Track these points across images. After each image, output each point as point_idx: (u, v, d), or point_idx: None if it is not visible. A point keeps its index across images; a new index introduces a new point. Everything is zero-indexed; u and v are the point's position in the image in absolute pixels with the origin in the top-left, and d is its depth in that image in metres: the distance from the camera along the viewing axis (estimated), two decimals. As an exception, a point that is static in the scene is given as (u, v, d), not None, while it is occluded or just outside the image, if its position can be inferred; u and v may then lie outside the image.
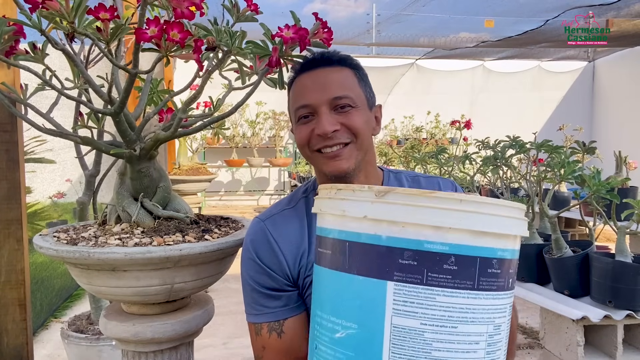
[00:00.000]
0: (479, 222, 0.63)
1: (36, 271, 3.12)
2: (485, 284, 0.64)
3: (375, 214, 0.65)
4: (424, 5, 5.49)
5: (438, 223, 0.62)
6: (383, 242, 0.64)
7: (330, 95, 0.98)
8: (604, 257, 1.96)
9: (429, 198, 0.63)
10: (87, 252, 1.04)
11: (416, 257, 0.62)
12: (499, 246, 0.65)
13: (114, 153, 1.20)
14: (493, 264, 0.64)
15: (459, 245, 0.62)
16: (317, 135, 0.98)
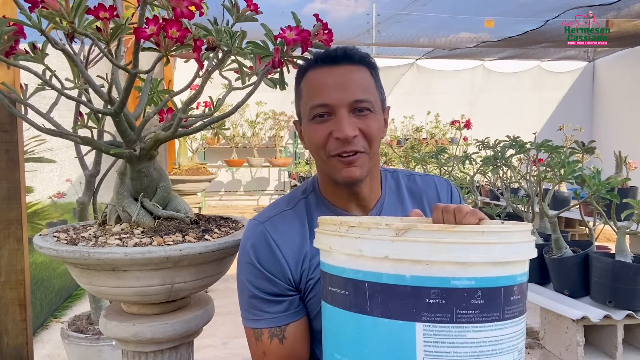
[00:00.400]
0: (500, 252, 0.63)
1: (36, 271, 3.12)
2: (509, 312, 0.63)
3: (397, 254, 0.62)
4: (424, 5, 5.49)
5: (463, 259, 0.61)
6: (407, 282, 0.62)
7: (352, 97, 0.94)
8: (604, 257, 1.96)
9: (451, 233, 0.61)
10: (87, 252, 1.04)
11: (444, 295, 0.61)
12: (518, 272, 0.65)
13: (114, 153, 1.20)
14: (514, 291, 0.64)
15: (484, 278, 0.61)
16: (336, 139, 0.94)
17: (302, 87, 1.02)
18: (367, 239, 0.65)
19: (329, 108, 0.95)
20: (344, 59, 0.98)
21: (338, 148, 0.94)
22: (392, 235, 0.63)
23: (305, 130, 1.00)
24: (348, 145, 0.94)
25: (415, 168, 4.06)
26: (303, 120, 1.02)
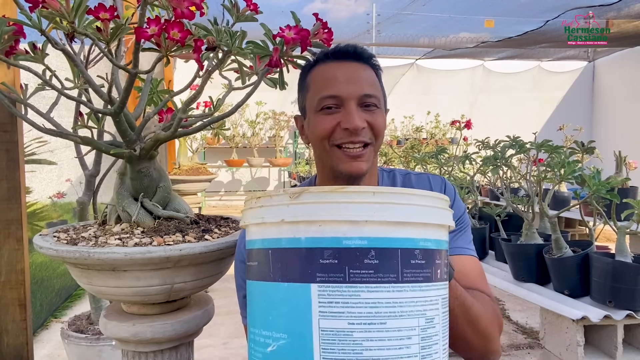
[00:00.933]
0: (395, 212, 0.62)
1: (36, 271, 3.12)
2: (410, 275, 0.62)
3: (291, 216, 0.64)
4: (424, 5, 5.49)
5: (354, 217, 0.61)
6: (303, 244, 0.63)
7: (362, 91, 0.97)
8: (604, 257, 1.96)
9: (342, 193, 0.63)
10: (87, 252, 1.04)
11: (336, 255, 0.61)
12: (420, 236, 0.64)
13: (114, 153, 1.20)
14: (416, 255, 0.63)
15: (378, 238, 0.61)
16: (344, 129, 0.96)
17: (309, 80, 1.04)
18: (269, 207, 0.67)
19: (339, 100, 0.97)
20: (353, 56, 1.01)
21: (344, 137, 0.96)
22: (288, 200, 0.65)
23: (311, 121, 1.02)
24: (356, 136, 0.96)
25: (415, 168, 4.06)
26: (309, 112, 1.03)
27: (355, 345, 0.60)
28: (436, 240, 0.66)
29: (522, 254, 2.35)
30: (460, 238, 1.06)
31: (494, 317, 0.96)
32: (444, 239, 0.68)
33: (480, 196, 3.99)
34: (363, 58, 1.02)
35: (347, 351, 0.60)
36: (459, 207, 1.08)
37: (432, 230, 0.66)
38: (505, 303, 3.29)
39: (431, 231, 0.66)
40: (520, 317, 3.03)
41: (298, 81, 1.08)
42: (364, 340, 0.60)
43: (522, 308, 3.16)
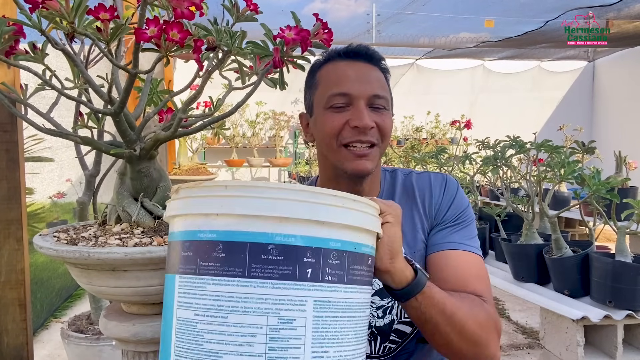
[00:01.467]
0: (245, 206, 0.61)
1: (36, 271, 3.12)
2: (260, 271, 0.60)
3: (170, 211, 0.70)
4: (424, 4, 5.48)
5: (206, 210, 0.63)
6: (176, 237, 0.67)
7: (372, 91, 0.97)
8: (604, 257, 1.96)
9: (199, 188, 0.65)
10: (87, 252, 1.04)
11: (192, 247, 0.63)
12: (277, 231, 0.61)
13: (114, 153, 1.20)
14: (270, 250, 0.60)
15: (226, 231, 0.61)
16: (353, 127, 0.95)
17: (319, 77, 1.03)
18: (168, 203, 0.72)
19: (349, 98, 0.97)
20: (364, 57, 1.01)
21: (353, 136, 0.96)
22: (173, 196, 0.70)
23: (318, 118, 1.01)
24: (364, 135, 0.95)
25: (415, 168, 4.06)
26: (316, 110, 1.02)
27: (197, 336, 0.61)
28: (307, 237, 0.62)
29: (522, 254, 2.35)
30: (457, 233, 1.03)
31: (485, 321, 0.91)
32: (315, 236, 0.62)
33: (480, 196, 3.99)
34: (374, 60, 1.02)
35: (192, 341, 0.61)
36: (461, 203, 1.07)
37: (292, 225, 0.61)
38: (505, 303, 3.29)
39: (291, 226, 0.61)
40: (520, 317, 3.03)
41: (306, 78, 1.08)
42: (205, 332, 0.60)
43: (522, 308, 3.16)
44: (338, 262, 0.63)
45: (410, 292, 0.81)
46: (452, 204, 1.06)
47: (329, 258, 0.63)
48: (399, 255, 0.78)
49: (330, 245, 0.63)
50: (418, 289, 0.81)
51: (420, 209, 1.05)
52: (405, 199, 1.07)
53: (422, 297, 0.81)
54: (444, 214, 1.05)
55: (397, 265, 0.78)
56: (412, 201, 1.07)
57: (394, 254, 0.77)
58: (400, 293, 0.81)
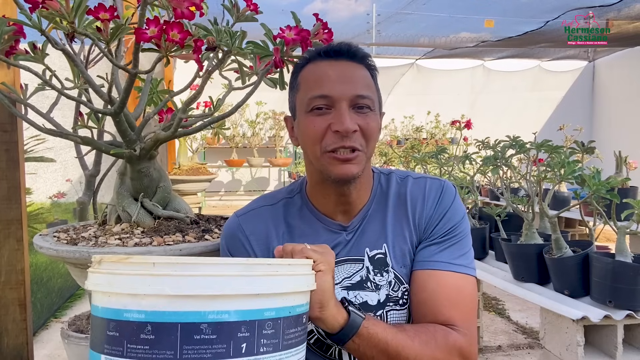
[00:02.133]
0: (174, 285, 0.58)
1: (36, 271, 3.12)
2: (193, 352, 0.57)
3: (90, 285, 0.64)
4: (424, 4, 5.48)
5: (132, 290, 0.59)
6: (99, 313, 0.62)
7: (355, 91, 0.91)
8: (604, 257, 1.96)
9: (125, 264, 0.61)
10: (87, 252, 1.04)
11: (118, 327, 0.59)
12: (209, 308, 0.58)
13: (114, 153, 1.20)
14: (202, 329, 0.57)
15: (155, 312, 0.57)
16: (335, 131, 0.89)
17: (300, 79, 0.97)
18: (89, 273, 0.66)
19: (330, 100, 0.91)
20: (347, 55, 0.95)
21: (335, 142, 0.90)
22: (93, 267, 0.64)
23: (301, 122, 0.96)
24: (347, 140, 0.89)
25: (415, 168, 4.06)
26: (298, 113, 0.97)
27: None
28: (241, 311, 0.59)
29: (522, 254, 2.35)
30: (446, 250, 0.96)
31: (443, 356, 0.86)
32: (258, 307, 0.61)
33: (480, 196, 3.99)
34: (357, 57, 0.96)
35: None
36: (455, 215, 0.99)
37: (230, 302, 0.59)
38: (505, 303, 3.29)
39: (229, 302, 0.59)
40: (520, 317, 3.03)
41: (289, 81, 1.03)
42: None
43: (522, 308, 3.16)
44: (273, 331, 0.62)
45: (344, 335, 0.80)
46: (445, 217, 0.98)
47: (263, 329, 0.61)
48: (330, 302, 0.78)
49: (265, 315, 0.61)
50: (352, 332, 0.80)
51: (410, 220, 0.99)
52: (397, 208, 1.01)
53: (360, 339, 0.81)
54: (434, 227, 0.98)
55: (327, 312, 0.78)
56: (403, 211, 1.00)
57: (324, 303, 0.77)
58: (334, 337, 0.81)
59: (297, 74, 0.99)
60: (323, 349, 0.96)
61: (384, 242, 0.98)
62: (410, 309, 0.97)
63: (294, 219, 1.01)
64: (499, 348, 2.56)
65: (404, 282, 0.97)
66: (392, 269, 0.97)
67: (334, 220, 1.00)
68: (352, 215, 1.00)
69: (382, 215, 1.00)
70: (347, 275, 0.97)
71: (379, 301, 0.96)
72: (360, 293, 0.96)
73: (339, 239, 0.98)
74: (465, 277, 0.94)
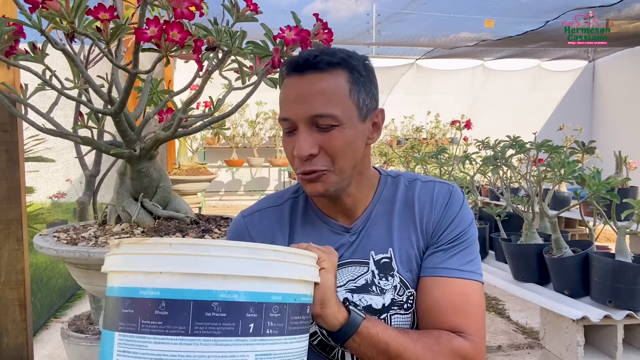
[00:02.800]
0: (188, 264, 0.62)
1: (36, 271, 3.12)
2: (203, 328, 0.61)
3: (110, 266, 0.67)
4: (424, 4, 5.48)
5: (148, 268, 0.63)
6: (115, 293, 0.65)
7: (310, 112, 0.86)
8: (604, 257, 1.96)
9: (142, 245, 0.65)
10: (87, 252, 1.04)
11: (133, 305, 0.62)
12: (220, 288, 0.62)
13: (114, 153, 1.20)
14: (214, 307, 0.61)
15: (169, 289, 0.61)
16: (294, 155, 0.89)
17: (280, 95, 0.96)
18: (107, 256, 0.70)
19: (291, 123, 0.88)
20: (308, 67, 0.88)
21: (299, 167, 0.89)
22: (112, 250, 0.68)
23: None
24: (307, 164, 0.88)
25: (415, 168, 4.06)
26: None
27: None
28: (250, 293, 0.63)
29: (522, 254, 2.35)
30: (454, 257, 0.94)
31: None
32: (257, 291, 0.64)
33: (480, 196, 3.99)
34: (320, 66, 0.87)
35: None
36: (464, 220, 0.98)
37: (235, 282, 0.63)
38: (505, 303, 3.29)
39: (235, 283, 0.63)
40: (520, 317, 3.03)
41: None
42: None
43: (522, 308, 3.16)
44: (279, 315, 0.65)
45: (345, 333, 0.81)
46: (453, 222, 0.97)
47: (270, 312, 0.64)
48: (331, 300, 0.79)
49: (272, 299, 0.65)
50: (352, 331, 0.81)
51: (418, 224, 0.98)
52: (404, 211, 0.99)
53: (360, 338, 0.81)
54: (442, 233, 0.97)
55: (327, 310, 0.79)
56: (410, 215, 0.99)
57: (325, 300, 0.78)
58: (335, 335, 0.82)
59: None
60: (326, 350, 0.96)
61: (389, 246, 0.97)
62: (414, 314, 0.96)
63: (298, 220, 1.01)
64: (499, 348, 2.56)
65: (409, 287, 0.96)
66: (398, 273, 0.96)
67: (337, 222, 0.99)
68: (354, 218, 0.99)
69: (388, 218, 0.99)
70: (351, 277, 0.96)
71: (383, 305, 0.95)
72: (365, 296, 0.95)
73: (342, 241, 0.98)
74: (473, 283, 0.93)
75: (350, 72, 0.90)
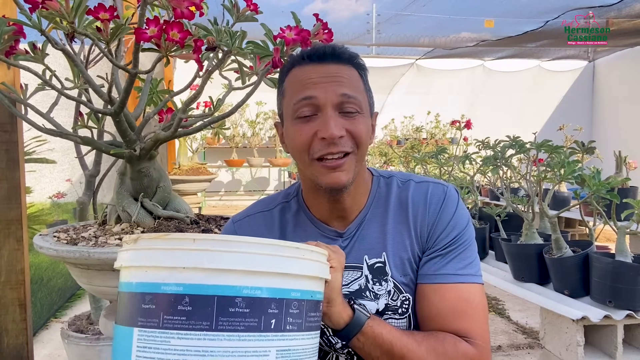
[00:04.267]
0: (213, 259, 0.62)
1: (36, 271, 3.12)
2: (227, 324, 0.61)
3: (127, 262, 0.67)
4: (424, 5, 5.48)
5: (172, 264, 0.62)
6: (133, 289, 0.64)
7: (340, 90, 0.87)
8: (604, 257, 1.96)
9: (164, 240, 0.64)
10: (87, 252, 1.04)
11: (155, 300, 0.62)
12: (244, 284, 0.62)
13: (114, 153, 1.20)
14: (237, 303, 0.61)
15: (193, 284, 0.61)
16: (321, 139, 0.86)
17: (286, 84, 0.93)
18: (121, 251, 0.69)
19: (314, 106, 0.87)
20: (332, 57, 0.90)
21: (323, 149, 0.87)
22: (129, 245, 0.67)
23: (289, 130, 0.92)
24: (334, 146, 0.86)
25: (415, 168, 4.06)
26: (286, 120, 0.93)
27: None
28: (272, 289, 0.64)
29: (522, 254, 2.35)
30: (451, 262, 0.92)
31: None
32: (280, 287, 0.65)
33: (480, 196, 3.99)
34: (343, 58, 0.91)
35: None
36: (460, 222, 0.96)
37: (259, 278, 0.63)
38: (505, 303, 3.29)
39: (258, 279, 0.63)
40: (520, 317, 3.03)
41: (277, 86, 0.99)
42: None
43: (522, 308, 3.16)
44: (298, 311, 0.66)
45: (349, 332, 0.81)
46: (449, 225, 0.95)
47: (290, 308, 0.65)
48: (337, 299, 0.80)
49: (292, 295, 0.66)
50: (356, 329, 0.81)
51: (412, 227, 0.96)
52: (398, 214, 0.97)
53: (364, 337, 0.82)
54: (437, 237, 0.95)
55: (333, 308, 0.79)
56: (404, 218, 0.97)
57: (332, 299, 0.78)
58: (340, 334, 0.82)
59: (282, 80, 0.95)
60: (320, 355, 0.95)
61: (383, 251, 0.95)
62: (409, 318, 0.95)
63: (290, 224, 1.00)
64: (499, 348, 2.56)
65: (404, 292, 0.95)
66: (392, 278, 0.95)
67: (330, 227, 0.98)
68: (349, 222, 0.98)
69: (381, 221, 0.97)
70: (344, 282, 0.95)
71: (377, 310, 0.94)
72: (359, 301, 0.94)
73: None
74: (473, 286, 0.92)
75: (360, 72, 0.94)
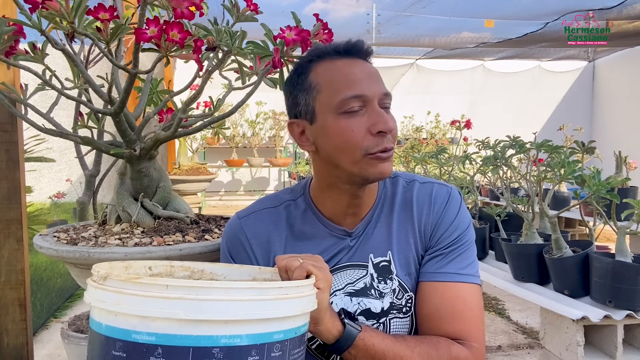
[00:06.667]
0: (188, 308, 0.57)
1: (36, 271, 3.12)
2: None
3: (95, 302, 0.62)
4: (424, 7, 5.48)
5: (143, 312, 0.57)
6: (103, 331, 0.60)
7: (383, 90, 0.90)
8: (604, 257, 1.96)
9: (136, 284, 0.59)
10: (87, 252, 1.04)
11: (125, 348, 0.58)
12: (222, 333, 0.58)
13: (114, 153, 1.20)
14: (214, 354, 0.57)
15: (166, 335, 0.57)
16: (378, 132, 0.86)
17: (316, 79, 0.91)
18: (90, 285, 0.64)
19: (363, 101, 0.87)
20: (366, 54, 0.94)
21: (379, 144, 0.87)
22: (96, 283, 0.62)
23: (330, 126, 0.89)
24: (387, 141, 0.88)
25: (415, 168, 4.06)
26: (323, 116, 0.90)
27: None
28: (252, 335, 0.60)
29: (522, 254, 2.35)
30: (453, 261, 0.94)
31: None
32: (269, 331, 0.61)
33: (480, 196, 3.99)
34: (370, 55, 0.94)
35: None
36: (462, 223, 0.98)
37: (243, 326, 0.59)
38: (505, 303, 3.29)
39: (242, 327, 0.59)
40: (520, 317, 3.03)
41: (291, 81, 0.96)
42: None
43: (522, 308, 3.16)
44: (280, 353, 0.62)
45: (340, 347, 0.81)
46: (452, 225, 0.97)
47: (272, 351, 0.61)
48: (324, 317, 0.79)
49: (274, 338, 0.62)
50: (347, 344, 0.81)
51: (416, 226, 0.97)
52: (403, 213, 0.99)
53: (356, 350, 0.82)
54: (440, 236, 0.96)
55: (321, 327, 0.79)
56: (409, 217, 0.98)
57: (319, 319, 0.78)
58: (331, 348, 0.82)
59: (305, 74, 0.92)
60: (325, 354, 0.95)
61: (388, 249, 0.96)
62: (413, 317, 0.96)
63: (298, 222, 0.99)
64: (499, 348, 2.56)
65: (408, 290, 0.96)
66: (397, 276, 0.95)
67: (339, 226, 0.98)
68: (359, 219, 0.98)
69: (388, 221, 0.98)
70: (350, 281, 0.95)
71: (382, 309, 0.95)
72: (364, 300, 0.95)
73: (343, 245, 0.97)
74: (472, 287, 0.94)
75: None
